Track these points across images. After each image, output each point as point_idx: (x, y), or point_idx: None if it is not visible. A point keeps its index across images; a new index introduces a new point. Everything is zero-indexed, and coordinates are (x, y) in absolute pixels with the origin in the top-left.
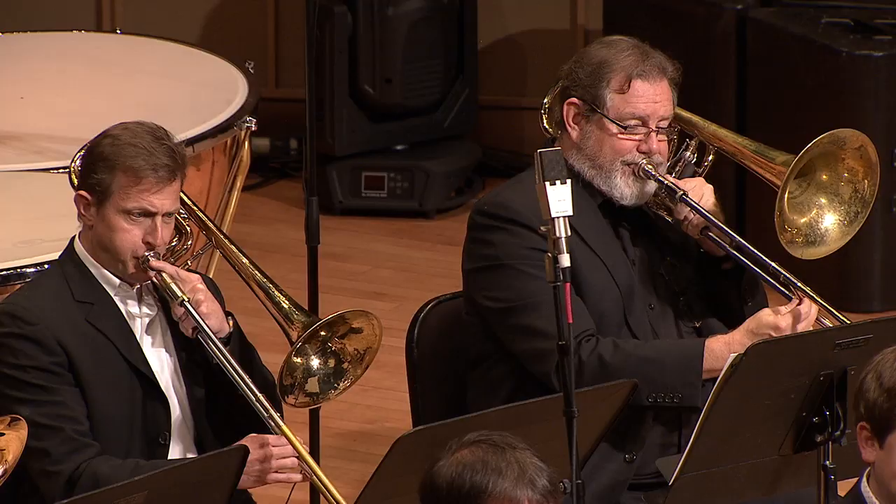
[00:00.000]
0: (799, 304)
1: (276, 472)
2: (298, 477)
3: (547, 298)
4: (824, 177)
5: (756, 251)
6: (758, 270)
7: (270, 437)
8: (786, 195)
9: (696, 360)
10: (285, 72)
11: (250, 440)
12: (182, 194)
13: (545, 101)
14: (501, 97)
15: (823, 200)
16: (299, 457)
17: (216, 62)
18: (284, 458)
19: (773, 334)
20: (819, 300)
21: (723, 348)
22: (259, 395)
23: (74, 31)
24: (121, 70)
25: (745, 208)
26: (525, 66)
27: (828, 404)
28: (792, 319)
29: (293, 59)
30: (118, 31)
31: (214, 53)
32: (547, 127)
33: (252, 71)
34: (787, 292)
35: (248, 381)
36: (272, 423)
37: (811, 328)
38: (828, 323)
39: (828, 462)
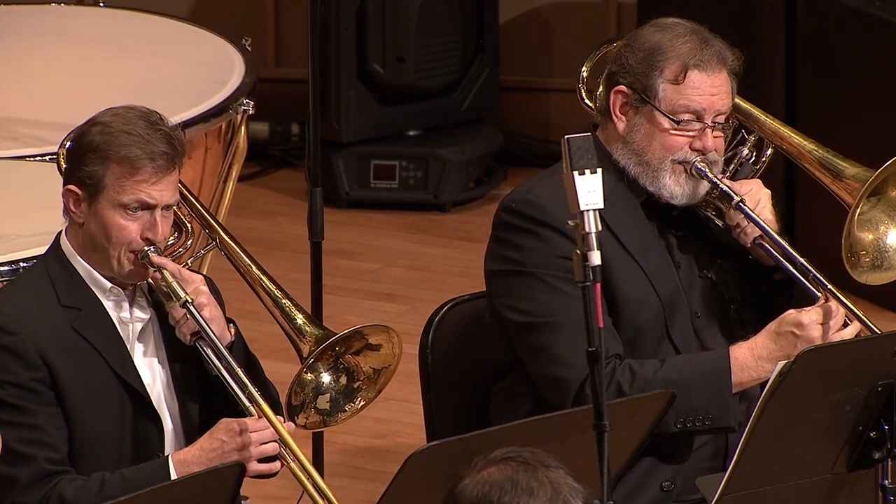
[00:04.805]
0: (826, 301)
1: (258, 460)
2: (278, 466)
3: (572, 319)
4: (895, 193)
5: (811, 267)
6: (811, 287)
7: (248, 421)
8: (856, 215)
9: (723, 375)
10: (286, 50)
11: (225, 427)
12: (181, 186)
13: (583, 70)
14: (525, 77)
15: (893, 219)
16: (282, 443)
17: (210, 39)
18: (265, 442)
19: (797, 332)
20: (849, 305)
21: (747, 355)
22: (266, 408)
23: (52, 5)
24: (104, 48)
25: (796, 205)
26: (551, 44)
27: (886, 417)
28: (816, 315)
29: (295, 36)
30: (101, 5)
31: (208, 29)
32: (588, 103)
33: (249, 49)
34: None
35: (255, 392)
36: (281, 446)
37: (839, 328)
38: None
39: (887, 481)
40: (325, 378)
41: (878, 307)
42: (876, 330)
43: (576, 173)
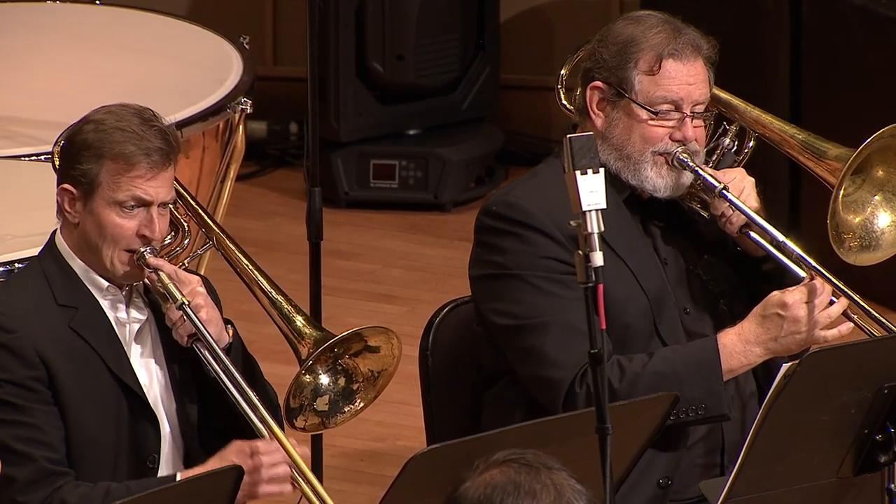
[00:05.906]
0: (811, 280)
1: (269, 483)
2: (289, 488)
3: (559, 319)
4: (880, 172)
5: (795, 246)
6: (797, 269)
7: (259, 444)
8: (840, 195)
9: (713, 364)
10: (284, 48)
11: (237, 449)
12: (179, 186)
13: (562, 72)
14: (526, 76)
15: (878, 198)
16: (293, 466)
17: (207, 37)
18: (276, 465)
19: (782, 312)
20: (835, 281)
21: (735, 341)
22: (265, 413)
23: (48, 2)
24: (100, 46)
25: (801, 195)
26: (553, 42)
27: (892, 420)
28: (800, 294)
29: (293, 34)
30: (97, 2)
31: (205, 27)
32: (566, 103)
33: (247, 46)
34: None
35: (253, 396)
36: (292, 469)
37: (826, 306)
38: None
39: (893, 485)
40: (324, 380)
41: (883, 308)
42: (863, 304)
43: (578, 173)
